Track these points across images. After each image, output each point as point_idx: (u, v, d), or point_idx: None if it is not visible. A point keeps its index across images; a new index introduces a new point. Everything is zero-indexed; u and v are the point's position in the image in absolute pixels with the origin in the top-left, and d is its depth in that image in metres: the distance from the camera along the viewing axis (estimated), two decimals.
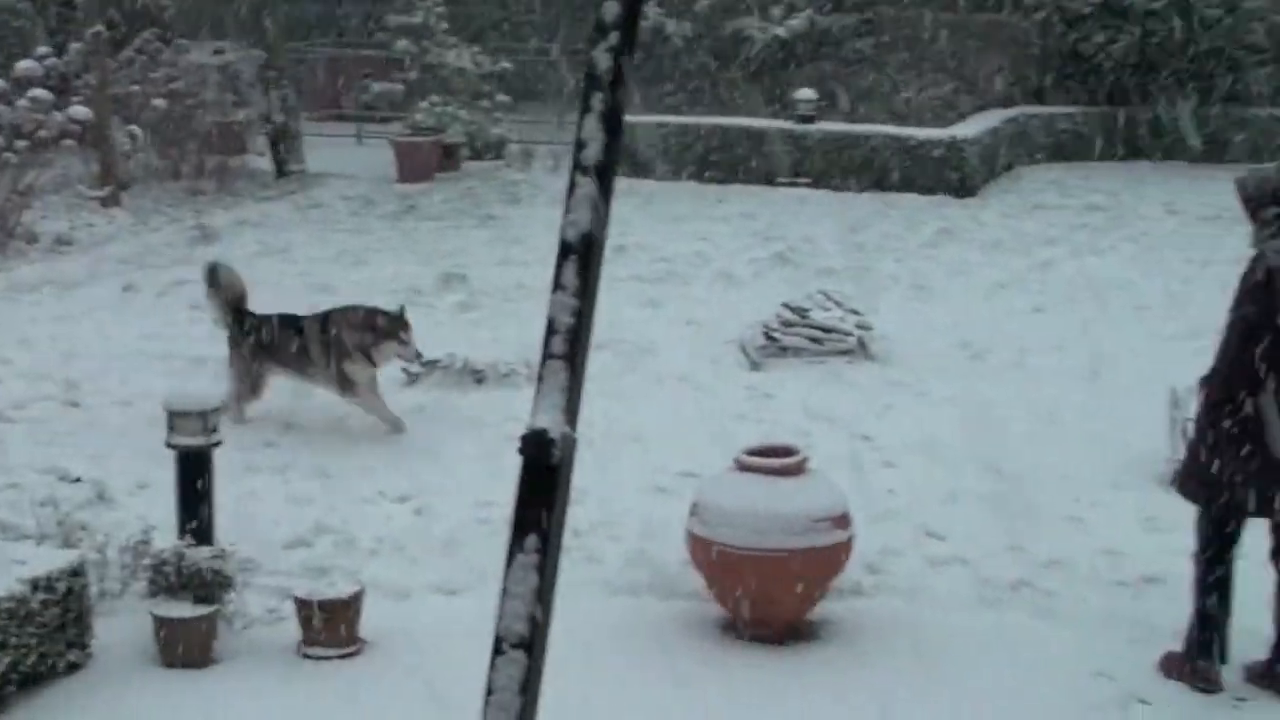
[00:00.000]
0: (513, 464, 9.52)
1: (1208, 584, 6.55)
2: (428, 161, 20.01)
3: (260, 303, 10.64)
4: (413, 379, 10.90)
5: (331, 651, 6.67)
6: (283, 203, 18.58)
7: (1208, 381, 6.55)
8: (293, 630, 6.81)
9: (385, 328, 9.95)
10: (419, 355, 10.31)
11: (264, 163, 20.29)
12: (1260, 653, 6.62)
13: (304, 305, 11.05)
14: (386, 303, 10.55)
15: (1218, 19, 21.01)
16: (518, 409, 9.98)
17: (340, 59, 25.54)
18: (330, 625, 6.68)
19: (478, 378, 10.93)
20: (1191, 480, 6.65)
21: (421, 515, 8.60)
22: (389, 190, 19.27)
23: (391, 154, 20.15)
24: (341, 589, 6.85)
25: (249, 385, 10.17)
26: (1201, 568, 6.59)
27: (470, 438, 9.83)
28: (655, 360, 11.72)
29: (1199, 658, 6.54)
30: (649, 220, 17.17)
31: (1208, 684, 6.49)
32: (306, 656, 6.69)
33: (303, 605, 6.72)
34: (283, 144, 20.00)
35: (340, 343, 9.91)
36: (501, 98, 21.52)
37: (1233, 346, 6.44)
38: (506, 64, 22.08)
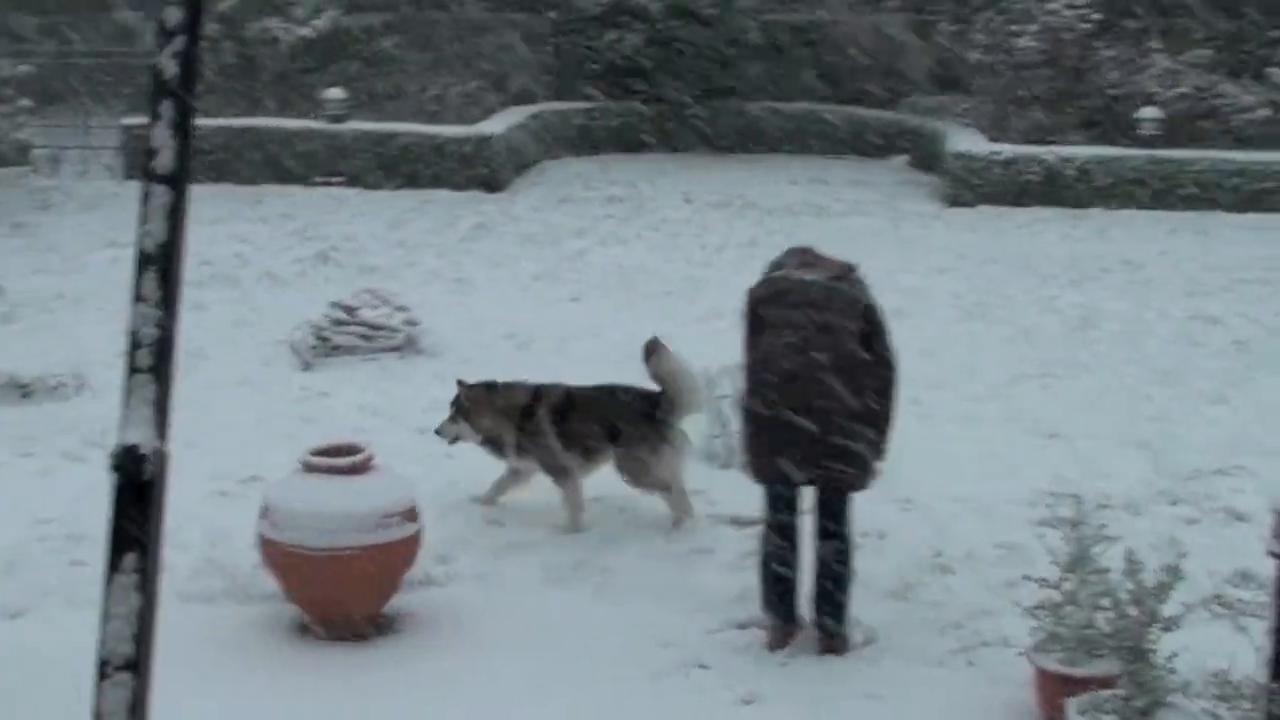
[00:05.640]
0: (69, 479, 9.30)
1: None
2: None
3: None
4: None
5: None
6: None
7: None
8: None
9: None
10: None
11: None
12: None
13: None
14: None
15: (714, 18, 22.20)
16: (69, 421, 9.76)
17: None
18: None
19: (24, 391, 10.55)
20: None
21: None
22: None
23: None
24: None
25: None
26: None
27: (20, 453, 9.49)
28: (207, 365, 11.54)
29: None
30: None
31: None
32: None
33: None
34: None
35: None
36: (24, 102, 20.55)
37: None
38: (27, 66, 21.16)
